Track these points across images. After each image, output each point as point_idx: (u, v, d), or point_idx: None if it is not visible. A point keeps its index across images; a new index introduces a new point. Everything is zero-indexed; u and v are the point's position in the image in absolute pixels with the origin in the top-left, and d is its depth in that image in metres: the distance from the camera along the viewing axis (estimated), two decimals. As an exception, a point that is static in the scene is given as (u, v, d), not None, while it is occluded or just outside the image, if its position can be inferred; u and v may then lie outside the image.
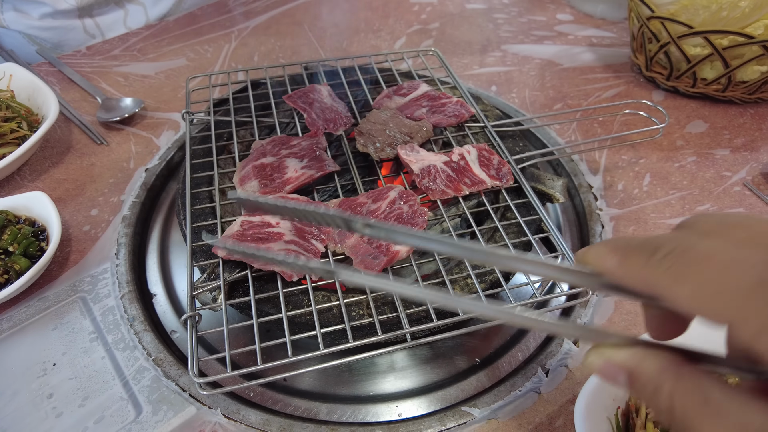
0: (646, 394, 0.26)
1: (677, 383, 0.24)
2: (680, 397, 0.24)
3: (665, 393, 0.25)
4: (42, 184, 0.84)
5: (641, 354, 0.26)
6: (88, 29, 1.25)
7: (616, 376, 0.27)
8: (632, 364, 0.26)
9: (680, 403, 0.24)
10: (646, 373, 0.26)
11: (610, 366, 0.27)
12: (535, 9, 1.31)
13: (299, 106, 0.78)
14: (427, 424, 0.56)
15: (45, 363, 0.61)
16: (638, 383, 0.26)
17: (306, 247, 0.58)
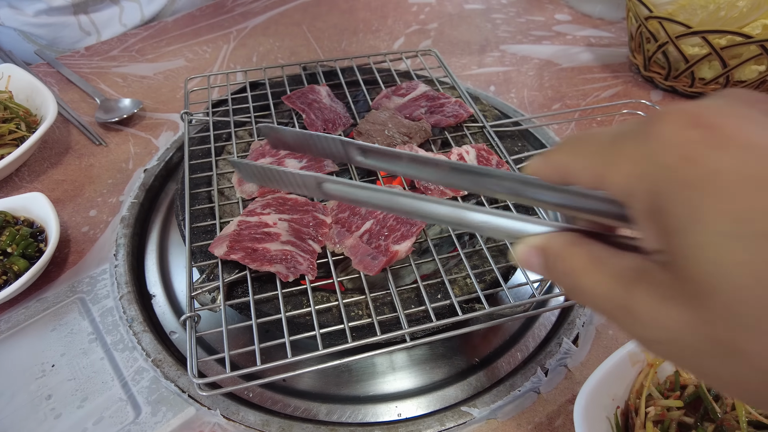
0: (551, 265, 0.30)
1: (573, 248, 0.28)
2: (574, 258, 0.28)
3: (564, 258, 0.29)
4: (40, 185, 0.84)
5: (551, 234, 0.30)
6: (84, 26, 1.25)
7: (531, 257, 0.31)
8: (544, 242, 0.30)
9: (572, 262, 0.28)
10: (553, 247, 0.30)
11: (529, 249, 0.31)
12: (534, 9, 1.31)
13: (298, 107, 0.78)
14: (427, 424, 0.56)
15: (44, 364, 0.61)
16: (547, 258, 0.30)
17: (303, 248, 0.58)
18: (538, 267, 0.31)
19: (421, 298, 0.56)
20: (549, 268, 0.30)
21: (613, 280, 0.26)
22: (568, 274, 0.28)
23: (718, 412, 0.49)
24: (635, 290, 0.25)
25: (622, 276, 0.26)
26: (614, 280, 0.26)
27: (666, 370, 0.56)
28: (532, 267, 0.31)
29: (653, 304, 0.24)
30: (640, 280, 0.25)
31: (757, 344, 0.21)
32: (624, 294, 0.25)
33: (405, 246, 0.57)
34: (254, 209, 0.62)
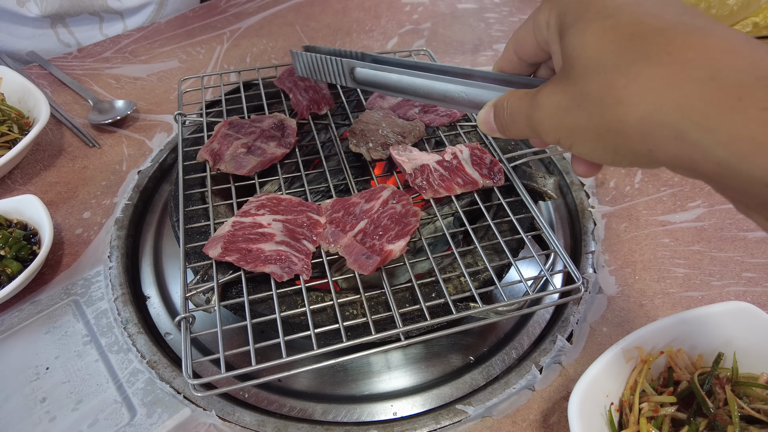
0: (499, 111, 0.42)
1: (512, 94, 0.42)
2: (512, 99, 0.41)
3: (506, 101, 0.42)
4: (34, 188, 0.84)
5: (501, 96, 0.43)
6: (62, 38, 1.24)
7: (489, 115, 0.44)
8: (497, 100, 0.43)
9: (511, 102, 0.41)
10: (501, 99, 0.42)
11: (487, 109, 0.44)
12: (527, 8, 1.32)
13: (286, 87, 0.82)
14: (422, 422, 0.56)
15: (38, 367, 0.61)
16: (497, 107, 0.43)
17: (297, 248, 0.58)
18: (491, 119, 0.43)
19: (415, 297, 0.56)
20: (498, 116, 0.43)
21: (529, 94, 0.39)
22: (507, 107, 0.41)
23: (711, 407, 0.49)
24: (540, 92, 0.38)
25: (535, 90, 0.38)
26: (531, 94, 0.39)
27: (659, 366, 0.56)
28: (489, 122, 0.44)
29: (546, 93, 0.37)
30: (544, 86, 0.38)
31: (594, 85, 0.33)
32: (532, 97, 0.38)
33: (399, 245, 0.57)
34: (248, 210, 0.62)
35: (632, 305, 0.67)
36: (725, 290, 0.69)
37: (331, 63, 0.52)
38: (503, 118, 0.42)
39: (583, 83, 0.34)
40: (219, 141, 0.71)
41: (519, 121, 0.40)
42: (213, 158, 0.69)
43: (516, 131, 0.41)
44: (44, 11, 1.16)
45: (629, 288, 0.69)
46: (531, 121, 0.38)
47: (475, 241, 0.61)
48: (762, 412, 0.49)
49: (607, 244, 0.75)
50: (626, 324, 0.65)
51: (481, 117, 0.44)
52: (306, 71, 0.55)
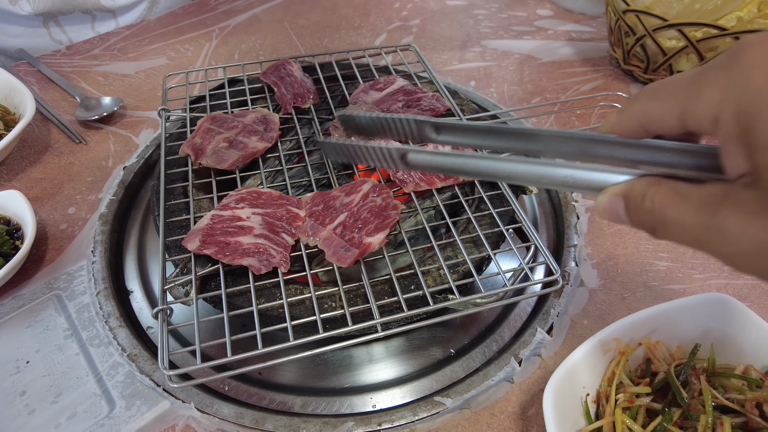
0: (635, 206, 0.32)
1: (657, 186, 0.31)
2: (658, 195, 0.30)
3: (649, 196, 0.31)
4: (19, 184, 0.84)
5: (633, 180, 0.32)
6: (54, 36, 1.24)
7: (615, 204, 0.33)
8: (626, 187, 0.32)
9: (657, 199, 0.30)
10: (636, 189, 0.32)
11: (612, 198, 0.33)
12: (516, 5, 1.32)
13: (271, 81, 0.82)
14: (400, 414, 0.56)
15: (18, 361, 0.61)
16: (631, 200, 0.32)
17: (276, 241, 0.58)
18: (622, 212, 0.33)
19: (394, 290, 0.56)
20: (633, 210, 0.32)
21: (698, 207, 0.28)
22: (653, 211, 0.31)
23: (685, 398, 0.49)
24: (721, 211, 0.27)
25: (707, 202, 0.28)
26: (700, 206, 0.28)
27: (638, 358, 0.56)
28: (616, 214, 0.33)
29: (740, 220, 0.26)
30: (726, 202, 0.27)
31: None
32: (710, 217, 0.28)
33: (378, 238, 0.57)
34: (228, 203, 0.62)
35: (614, 298, 0.67)
36: (707, 283, 0.69)
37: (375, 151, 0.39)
38: (645, 218, 0.32)
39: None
40: (201, 136, 0.71)
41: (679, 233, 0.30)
42: (195, 153, 0.69)
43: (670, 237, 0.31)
44: (36, 9, 1.16)
45: (611, 281, 0.69)
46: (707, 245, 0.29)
47: (455, 235, 0.61)
48: (736, 402, 0.49)
49: (590, 238, 0.75)
50: (607, 317, 0.65)
51: (603, 207, 0.34)
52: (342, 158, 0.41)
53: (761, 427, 0.47)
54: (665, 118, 0.31)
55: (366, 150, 0.39)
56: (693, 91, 0.29)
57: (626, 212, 0.33)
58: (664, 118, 0.32)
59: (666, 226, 0.30)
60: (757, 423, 0.47)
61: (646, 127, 0.33)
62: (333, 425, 0.55)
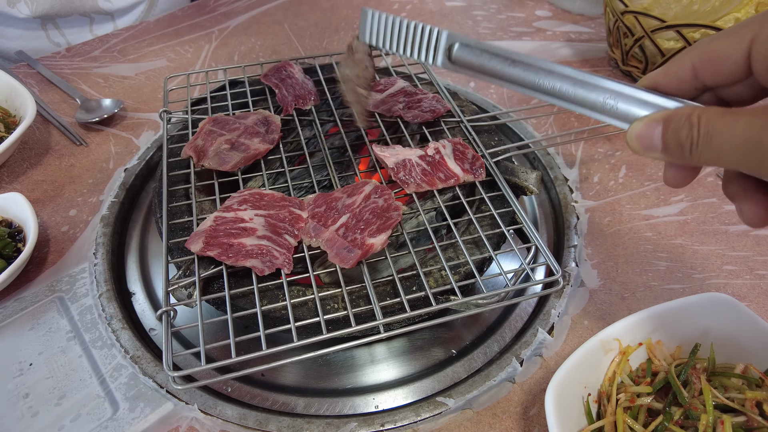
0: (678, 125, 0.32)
1: (706, 108, 0.32)
2: (707, 112, 0.31)
3: (696, 114, 0.32)
4: (20, 186, 0.84)
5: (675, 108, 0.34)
6: (52, 38, 1.24)
7: (653, 129, 0.33)
8: (669, 113, 0.33)
9: (706, 115, 0.31)
10: (680, 112, 0.32)
11: (650, 123, 0.34)
12: (514, 6, 1.32)
13: (272, 83, 0.82)
14: (403, 415, 0.56)
15: (21, 363, 0.61)
16: (673, 121, 0.33)
17: (279, 242, 0.58)
18: (657, 136, 0.34)
19: (396, 291, 0.57)
20: (672, 131, 0.33)
21: (749, 115, 0.29)
22: (699, 125, 0.31)
23: (686, 397, 0.50)
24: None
25: (758, 110, 0.29)
26: (750, 114, 0.29)
27: (638, 357, 0.57)
28: (649, 140, 0.34)
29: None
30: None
31: None
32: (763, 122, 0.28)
33: (380, 239, 0.58)
34: (231, 205, 0.62)
35: (614, 298, 0.68)
36: (706, 283, 0.69)
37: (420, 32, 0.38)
38: (686, 135, 0.32)
39: None
40: (203, 137, 0.71)
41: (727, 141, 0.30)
42: (197, 154, 0.69)
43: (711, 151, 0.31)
44: (35, 12, 1.16)
45: (611, 281, 0.70)
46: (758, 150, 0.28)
47: (456, 236, 0.61)
48: (736, 401, 0.49)
49: (590, 239, 0.75)
50: (608, 317, 0.66)
51: (636, 130, 0.35)
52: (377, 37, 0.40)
53: (761, 426, 0.47)
54: (731, 52, 0.33)
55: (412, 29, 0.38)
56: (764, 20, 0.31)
57: (663, 135, 0.33)
58: (729, 51, 0.33)
59: (711, 137, 0.31)
60: (758, 422, 0.47)
61: (700, 73, 0.34)
62: (336, 426, 0.56)
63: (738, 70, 0.33)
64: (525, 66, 0.37)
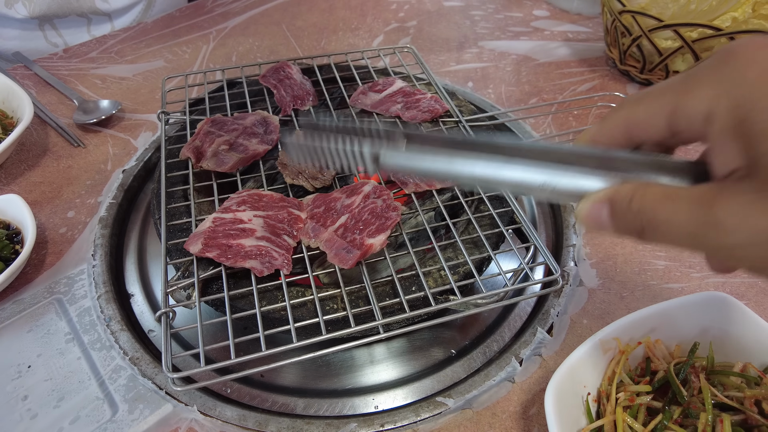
0: (622, 210, 0.31)
1: (646, 189, 0.30)
2: (647, 196, 0.30)
3: (637, 197, 0.30)
4: (17, 188, 0.84)
5: (617, 185, 0.32)
6: (50, 38, 1.24)
7: (600, 210, 0.32)
8: (611, 192, 0.32)
9: (648, 199, 0.30)
10: (622, 192, 0.31)
11: (595, 204, 0.32)
12: (512, 5, 1.32)
13: (270, 84, 0.83)
14: (402, 415, 0.56)
15: (20, 365, 0.61)
16: (617, 203, 0.31)
17: (278, 243, 0.58)
18: (606, 218, 0.32)
19: (395, 291, 0.57)
20: (618, 214, 0.31)
21: (692, 203, 0.28)
22: (642, 212, 0.30)
23: (685, 396, 0.50)
24: (718, 203, 0.27)
25: (701, 197, 0.28)
26: (693, 202, 0.28)
27: (637, 357, 0.57)
28: (599, 220, 0.32)
29: (739, 210, 0.26)
30: (722, 194, 0.27)
31: None
32: (706, 211, 0.27)
33: (379, 239, 0.58)
34: (229, 206, 0.62)
35: (613, 297, 0.68)
36: (705, 282, 0.69)
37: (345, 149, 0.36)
38: (632, 221, 0.31)
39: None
40: (201, 138, 0.71)
41: (670, 231, 0.29)
42: (195, 155, 0.69)
43: (660, 237, 0.31)
44: (32, 13, 1.16)
45: (610, 280, 0.70)
46: (701, 240, 0.28)
47: (455, 235, 0.61)
48: (735, 400, 0.50)
49: (588, 238, 0.75)
50: (607, 316, 0.66)
51: (584, 212, 0.33)
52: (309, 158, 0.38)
53: (760, 423, 0.47)
54: (654, 120, 0.32)
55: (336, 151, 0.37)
56: (684, 89, 0.30)
57: (610, 217, 0.32)
58: (652, 119, 0.32)
59: (656, 226, 0.30)
60: (756, 420, 0.47)
61: (631, 134, 0.33)
62: (336, 426, 0.56)
63: (664, 133, 0.32)
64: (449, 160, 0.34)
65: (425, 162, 0.35)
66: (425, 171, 0.36)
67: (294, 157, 0.38)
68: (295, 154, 0.38)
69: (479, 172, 0.34)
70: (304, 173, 0.67)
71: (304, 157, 0.38)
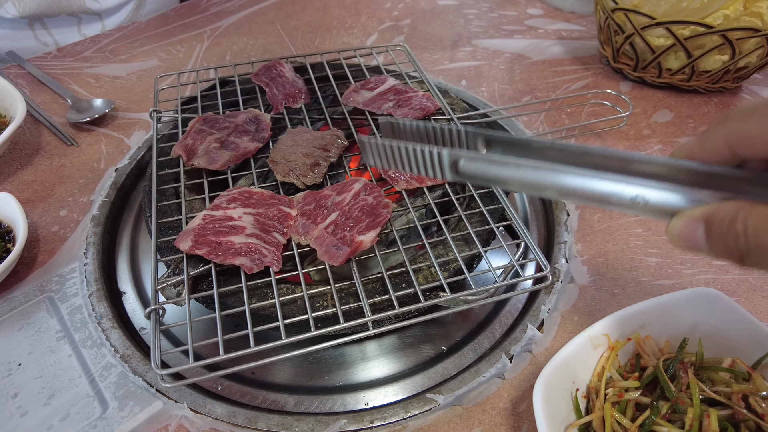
0: (721, 231, 0.29)
1: (753, 209, 0.28)
2: (755, 217, 0.28)
3: (741, 219, 0.28)
4: (10, 186, 0.83)
5: (717, 203, 0.30)
6: (40, 37, 1.23)
7: (695, 229, 0.30)
8: (711, 211, 0.30)
9: (754, 221, 0.28)
10: (723, 211, 0.29)
11: (690, 222, 0.30)
12: (506, 4, 1.32)
13: (263, 82, 0.83)
14: (392, 411, 0.56)
15: (10, 363, 0.61)
16: (716, 223, 0.29)
17: (268, 240, 0.58)
18: (701, 238, 0.30)
19: (385, 288, 0.57)
20: (717, 235, 0.29)
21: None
22: (746, 235, 0.28)
23: (674, 391, 0.50)
24: None
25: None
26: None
27: (627, 353, 0.57)
28: (693, 240, 0.30)
29: None
30: None
31: None
32: None
33: (369, 236, 0.58)
34: (220, 204, 0.62)
35: (604, 294, 0.68)
36: (696, 278, 0.69)
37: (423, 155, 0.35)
38: (734, 243, 0.29)
39: None
40: (193, 136, 0.71)
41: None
42: (187, 153, 0.69)
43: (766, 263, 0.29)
44: (22, 12, 1.15)
45: (601, 277, 0.70)
46: None
47: (446, 233, 0.61)
48: (723, 395, 0.50)
49: (580, 235, 0.75)
50: (597, 313, 0.66)
51: (677, 230, 0.31)
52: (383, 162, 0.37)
53: (747, 418, 0.47)
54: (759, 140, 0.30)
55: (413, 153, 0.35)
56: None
57: (707, 238, 0.30)
58: (761, 137, 0.30)
59: (762, 250, 0.28)
60: (743, 415, 0.48)
61: (737, 149, 0.31)
62: (326, 423, 0.56)
63: None
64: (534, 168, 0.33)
65: (507, 170, 0.34)
66: (507, 180, 0.34)
67: (369, 158, 0.37)
68: (371, 155, 0.37)
69: (567, 183, 0.32)
70: (295, 171, 0.67)
71: (380, 160, 0.37)
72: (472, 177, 0.35)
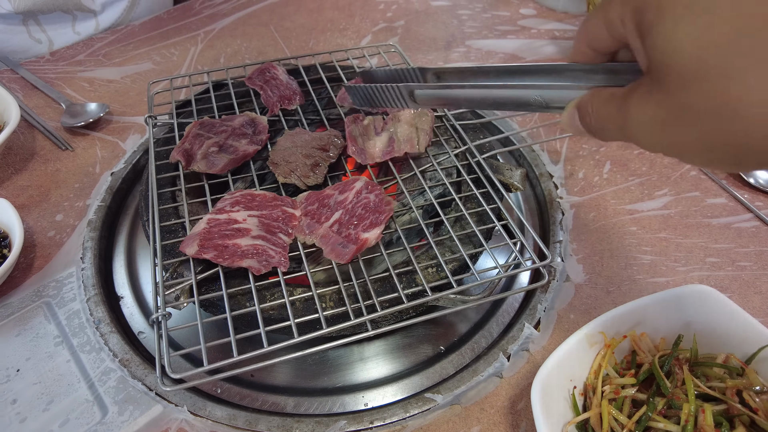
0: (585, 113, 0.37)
1: (598, 94, 0.36)
2: (596, 100, 0.36)
3: (591, 103, 0.36)
4: (5, 192, 0.83)
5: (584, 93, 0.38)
6: (33, 34, 1.23)
7: (573, 116, 0.38)
8: (579, 100, 0.38)
9: (596, 103, 0.36)
10: (585, 99, 0.37)
11: (570, 111, 0.38)
12: (499, 4, 1.33)
13: (257, 85, 0.83)
14: (391, 412, 0.57)
15: (8, 369, 0.61)
16: (581, 109, 0.37)
17: (274, 241, 0.58)
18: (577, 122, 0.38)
19: (385, 288, 0.57)
20: (585, 118, 0.37)
21: (617, 101, 0.34)
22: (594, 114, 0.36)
23: (669, 387, 0.51)
24: (629, 99, 0.33)
25: (623, 95, 0.33)
26: (616, 99, 0.34)
27: (623, 350, 0.58)
28: (575, 125, 0.38)
29: (638, 103, 0.32)
30: (633, 91, 0.33)
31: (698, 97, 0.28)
32: (623, 105, 0.33)
33: (374, 233, 0.58)
34: (223, 207, 0.62)
35: (599, 292, 0.69)
36: (690, 275, 0.70)
37: (389, 91, 0.49)
38: (590, 124, 0.37)
39: (682, 95, 0.29)
40: (191, 141, 0.71)
41: (610, 129, 0.35)
42: (186, 158, 0.69)
43: (609, 137, 0.36)
44: (17, 8, 1.15)
45: (597, 276, 0.71)
46: (624, 132, 0.34)
47: (445, 232, 0.62)
48: (717, 390, 0.50)
49: (575, 234, 0.76)
50: (593, 311, 0.67)
51: (565, 120, 0.39)
52: (364, 102, 0.53)
53: (741, 413, 0.48)
54: (599, 32, 0.36)
55: (382, 90, 0.50)
56: (605, 6, 0.34)
57: (581, 121, 0.37)
58: (598, 32, 0.36)
59: (602, 125, 0.36)
60: (738, 409, 0.48)
61: (592, 46, 0.38)
62: (326, 424, 0.56)
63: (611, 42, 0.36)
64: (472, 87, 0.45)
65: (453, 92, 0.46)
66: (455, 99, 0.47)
67: (353, 99, 0.54)
68: (354, 96, 0.53)
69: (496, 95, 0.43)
70: (296, 172, 0.67)
71: (360, 100, 0.53)
72: (427, 102, 0.49)
